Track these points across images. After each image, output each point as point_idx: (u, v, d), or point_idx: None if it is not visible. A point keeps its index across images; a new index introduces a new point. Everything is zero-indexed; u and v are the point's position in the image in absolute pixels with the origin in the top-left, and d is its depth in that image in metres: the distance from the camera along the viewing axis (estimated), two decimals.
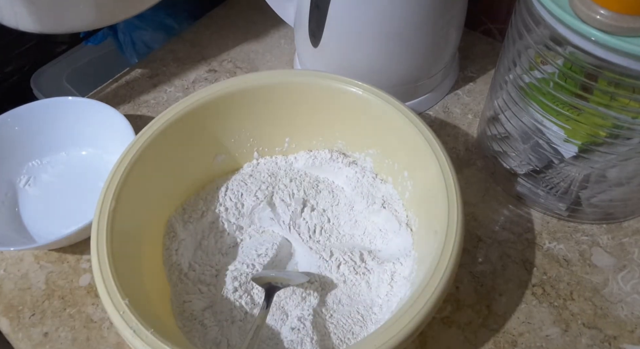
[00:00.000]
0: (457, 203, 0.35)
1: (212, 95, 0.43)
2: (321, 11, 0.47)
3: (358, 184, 0.46)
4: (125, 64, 0.65)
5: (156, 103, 0.59)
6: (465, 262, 0.45)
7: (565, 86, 0.38)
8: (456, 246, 0.33)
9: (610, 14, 0.32)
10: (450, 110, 0.56)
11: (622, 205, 0.45)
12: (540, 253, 0.45)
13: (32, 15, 0.48)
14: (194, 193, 0.46)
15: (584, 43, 0.34)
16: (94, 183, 0.50)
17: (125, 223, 0.37)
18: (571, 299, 0.43)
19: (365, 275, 0.41)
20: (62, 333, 0.42)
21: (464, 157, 0.52)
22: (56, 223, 0.48)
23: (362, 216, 0.45)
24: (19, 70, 0.71)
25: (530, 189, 0.47)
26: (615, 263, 0.44)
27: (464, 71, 0.59)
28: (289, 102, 0.45)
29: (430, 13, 0.46)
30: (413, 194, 0.42)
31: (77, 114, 0.52)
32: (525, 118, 0.43)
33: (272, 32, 0.66)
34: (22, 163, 0.52)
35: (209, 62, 0.63)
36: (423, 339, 0.41)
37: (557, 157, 0.43)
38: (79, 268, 0.46)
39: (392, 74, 0.51)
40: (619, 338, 0.40)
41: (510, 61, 0.43)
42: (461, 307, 0.42)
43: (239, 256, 0.43)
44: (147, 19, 0.67)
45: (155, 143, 0.40)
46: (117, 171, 0.38)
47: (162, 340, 0.30)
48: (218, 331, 0.38)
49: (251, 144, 0.47)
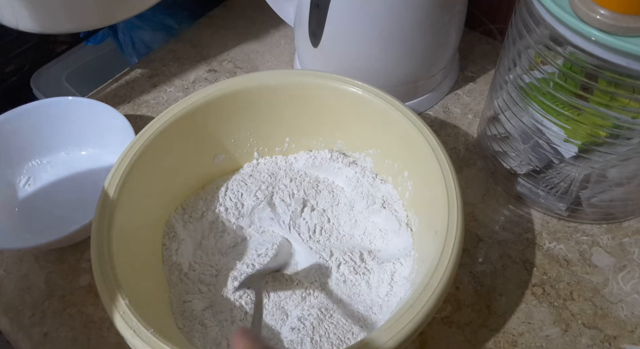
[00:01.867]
0: (457, 203, 0.35)
1: (212, 95, 0.43)
2: (321, 11, 0.47)
3: (358, 184, 0.46)
4: (125, 64, 0.65)
5: (156, 103, 0.59)
6: (465, 262, 0.45)
7: (565, 86, 0.38)
8: (456, 246, 0.33)
9: (610, 14, 0.32)
10: (450, 110, 0.56)
11: (622, 205, 0.45)
12: (540, 253, 0.45)
13: (32, 15, 0.48)
14: (194, 193, 0.46)
15: (584, 43, 0.34)
16: (94, 183, 0.50)
17: (125, 223, 0.37)
18: (571, 299, 0.43)
19: (365, 275, 0.41)
20: (62, 333, 0.42)
21: (464, 157, 0.52)
22: (56, 223, 0.48)
23: (362, 216, 0.45)
24: (19, 70, 0.71)
25: (530, 189, 0.47)
26: (615, 263, 0.44)
27: (464, 71, 0.59)
28: (289, 102, 0.45)
29: (430, 13, 0.46)
30: (413, 194, 0.42)
31: (77, 114, 0.52)
32: (525, 118, 0.43)
33: (272, 32, 0.66)
34: (22, 163, 0.52)
35: (209, 62, 0.63)
36: (423, 339, 0.41)
37: (557, 157, 0.43)
38: (79, 268, 0.46)
39: (392, 74, 0.51)
40: (619, 338, 0.40)
41: (510, 61, 0.43)
42: (461, 307, 0.42)
43: (239, 256, 0.43)
44: (147, 19, 0.67)
45: (155, 143, 0.40)
46: (117, 171, 0.38)
47: (162, 340, 0.30)
48: (218, 331, 0.38)
49: (251, 144, 0.47)
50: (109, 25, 0.63)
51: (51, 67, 0.72)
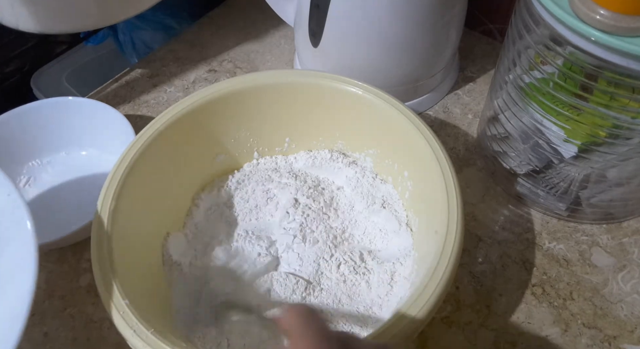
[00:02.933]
0: (457, 203, 0.35)
1: (212, 95, 0.43)
2: (321, 11, 0.47)
3: (358, 184, 0.46)
4: (125, 64, 0.65)
5: (156, 103, 0.59)
6: (465, 262, 0.45)
7: (565, 86, 0.38)
8: (456, 246, 0.33)
9: (610, 14, 0.32)
10: (450, 110, 0.56)
11: (622, 205, 0.45)
12: (540, 253, 0.45)
13: (32, 15, 0.48)
14: (194, 193, 0.46)
15: (584, 43, 0.34)
16: (94, 183, 0.50)
17: (125, 223, 0.37)
18: (571, 299, 0.43)
19: (365, 275, 0.41)
20: (62, 333, 0.42)
21: (464, 157, 0.52)
22: (56, 223, 0.48)
23: (362, 216, 0.45)
24: (19, 70, 0.71)
25: (530, 189, 0.47)
26: (615, 263, 0.44)
27: (464, 71, 0.59)
28: (289, 102, 0.45)
29: (430, 13, 0.46)
30: (413, 194, 0.42)
31: (77, 114, 0.52)
32: (525, 118, 0.43)
33: (272, 32, 0.66)
34: (22, 163, 0.52)
35: (209, 62, 0.63)
36: (423, 339, 0.41)
37: (557, 157, 0.43)
38: (79, 268, 0.46)
39: (392, 74, 0.51)
40: (619, 338, 0.40)
41: (510, 61, 0.43)
42: (461, 307, 0.42)
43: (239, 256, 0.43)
44: (147, 19, 0.67)
45: (155, 143, 0.40)
46: (117, 171, 0.38)
47: (162, 340, 0.30)
48: (218, 331, 0.38)
49: (251, 144, 0.47)
50: (109, 25, 0.63)
51: (51, 67, 0.72)
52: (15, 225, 0.31)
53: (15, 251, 0.31)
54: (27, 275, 0.29)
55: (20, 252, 0.31)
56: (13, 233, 0.32)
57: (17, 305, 0.28)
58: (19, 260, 0.31)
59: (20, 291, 0.29)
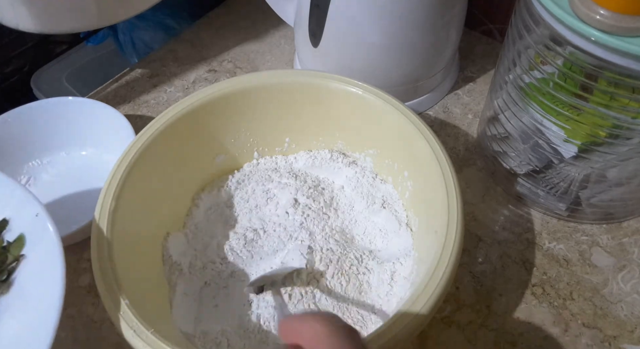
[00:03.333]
0: (457, 203, 0.35)
1: (212, 95, 0.43)
2: (321, 11, 0.47)
3: (358, 184, 0.46)
4: (125, 64, 0.65)
5: (156, 103, 0.59)
6: (465, 262, 0.45)
7: (565, 86, 0.38)
8: (456, 246, 0.33)
9: (610, 14, 0.32)
10: (450, 110, 0.56)
11: (622, 205, 0.45)
12: (540, 253, 0.45)
13: (32, 15, 0.48)
14: (194, 193, 0.46)
15: (584, 43, 0.34)
16: (94, 183, 0.50)
17: (125, 223, 0.37)
18: (571, 299, 0.43)
19: (365, 275, 0.41)
20: (62, 333, 0.42)
21: (464, 157, 0.52)
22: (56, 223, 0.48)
23: (362, 216, 0.45)
24: (19, 70, 0.71)
25: (530, 189, 0.47)
26: (615, 263, 0.44)
27: (464, 71, 0.59)
28: (289, 102, 0.45)
29: (430, 13, 0.46)
30: (413, 194, 0.42)
31: (77, 114, 0.52)
32: (525, 118, 0.43)
33: (272, 32, 0.66)
34: (22, 163, 0.52)
35: (209, 62, 0.63)
36: (423, 339, 0.41)
37: (557, 157, 0.43)
38: (79, 268, 0.46)
39: (392, 74, 0.51)
40: (619, 338, 0.40)
41: (510, 61, 0.43)
42: (461, 307, 0.42)
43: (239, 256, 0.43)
44: (147, 19, 0.67)
45: (155, 143, 0.40)
46: (117, 171, 0.38)
47: (162, 340, 0.30)
48: (218, 331, 0.38)
49: (251, 144, 0.47)
50: (109, 25, 0.63)
51: (51, 67, 0.72)
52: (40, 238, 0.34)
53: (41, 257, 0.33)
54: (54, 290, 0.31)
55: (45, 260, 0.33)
56: (38, 239, 0.34)
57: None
58: (45, 262, 0.32)
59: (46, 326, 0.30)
